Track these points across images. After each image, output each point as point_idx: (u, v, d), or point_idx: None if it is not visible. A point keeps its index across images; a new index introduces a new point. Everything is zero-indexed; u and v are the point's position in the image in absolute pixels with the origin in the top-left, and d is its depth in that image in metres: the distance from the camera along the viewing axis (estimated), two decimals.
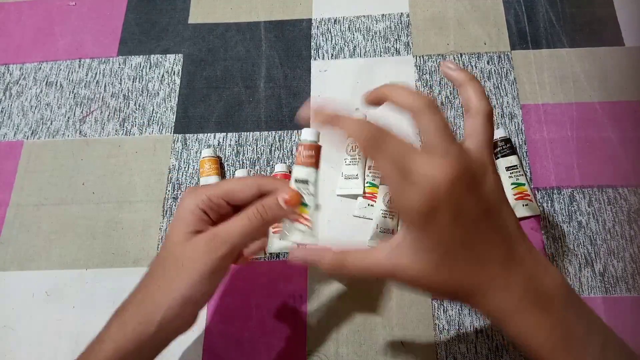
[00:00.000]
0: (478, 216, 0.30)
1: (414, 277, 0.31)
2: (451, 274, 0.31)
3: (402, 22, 0.53)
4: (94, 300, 0.44)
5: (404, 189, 0.29)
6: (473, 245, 0.30)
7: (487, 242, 0.31)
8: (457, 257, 0.30)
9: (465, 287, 0.31)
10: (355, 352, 0.40)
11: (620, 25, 0.51)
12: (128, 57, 0.54)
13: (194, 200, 0.32)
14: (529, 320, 0.30)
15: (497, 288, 0.30)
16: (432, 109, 0.31)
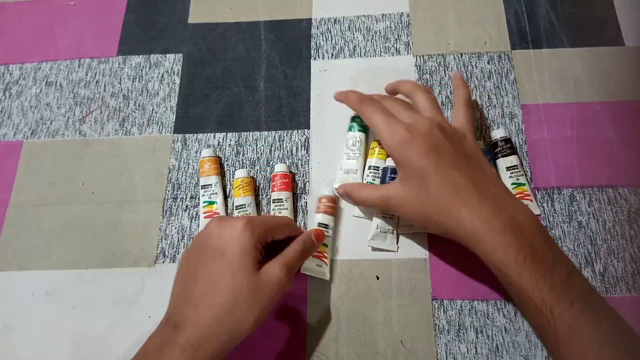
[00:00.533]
0: (454, 154, 0.37)
1: (399, 202, 0.38)
2: (427, 196, 0.36)
3: (402, 22, 0.53)
4: (94, 300, 0.44)
5: (390, 127, 0.38)
6: (447, 173, 0.36)
7: (461, 174, 0.36)
8: (432, 181, 0.36)
9: (440, 207, 0.36)
10: (355, 352, 0.40)
11: (620, 25, 0.51)
12: (128, 57, 0.54)
13: (255, 235, 0.35)
14: (499, 239, 0.33)
15: (468, 209, 0.35)
16: (425, 90, 0.43)
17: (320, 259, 0.42)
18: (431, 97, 0.42)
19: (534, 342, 0.40)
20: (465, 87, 0.44)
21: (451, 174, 0.36)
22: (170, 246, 0.45)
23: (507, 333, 0.40)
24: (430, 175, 0.36)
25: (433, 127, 0.38)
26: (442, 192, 0.36)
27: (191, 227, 0.46)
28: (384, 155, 0.45)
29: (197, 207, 0.47)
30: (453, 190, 0.36)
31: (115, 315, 0.43)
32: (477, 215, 0.34)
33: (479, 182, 0.36)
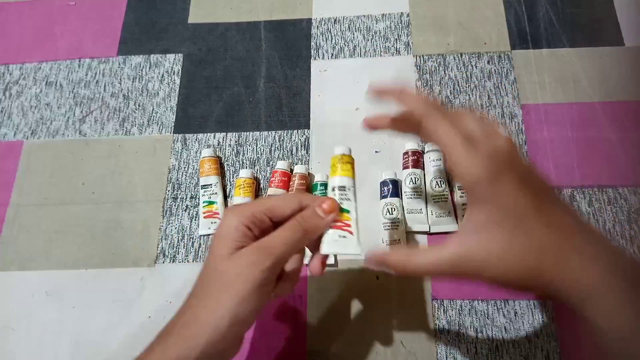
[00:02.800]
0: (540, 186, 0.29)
1: (483, 260, 0.27)
2: (531, 244, 0.27)
3: (402, 22, 0.53)
4: (94, 300, 0.44)
5: (469, 152, 0.28)
6: (549, 210, 0.27)
7: (564, 212, 0.28)
8: (532, 225, 0.27)
9: (551, 257, 0.26)
10: (355, 352, 0.40)
11: (620, 25, 0.51)
12: (128, 57, 0.54)
13: (237, 217, 0.31)
14: (616, 298, 0.26)
15: (586, 256, 0.26)
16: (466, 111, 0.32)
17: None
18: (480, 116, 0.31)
19: (534, 342, 0.40)
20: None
21: (555, 214, 0.27)
22: (170, 246, 0.45)
23: (507, 333, 0.40)
24: (531, 217, 0.27)
25: (514, 150, 0.28)
26: (552, 237, 0.27)
27: (191, 227, 0.46)
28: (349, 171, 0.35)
29: (197, 207, 0.47)
30: (565, 236, 0.27)
31: (115, 315, 0.43)
32: (594, 269, 0.26)
33: (579, 218, 0.28)
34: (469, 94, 0.49)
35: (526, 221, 0.27)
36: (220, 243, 0.30)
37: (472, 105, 0.48)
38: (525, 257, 0.27)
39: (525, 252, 0.27)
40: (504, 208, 0.27)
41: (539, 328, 0.40)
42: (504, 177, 0.27)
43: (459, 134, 0.29)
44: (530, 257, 0.27)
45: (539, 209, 0.27)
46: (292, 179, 0.45)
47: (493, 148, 0.28)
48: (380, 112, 0.34)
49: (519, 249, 0.27)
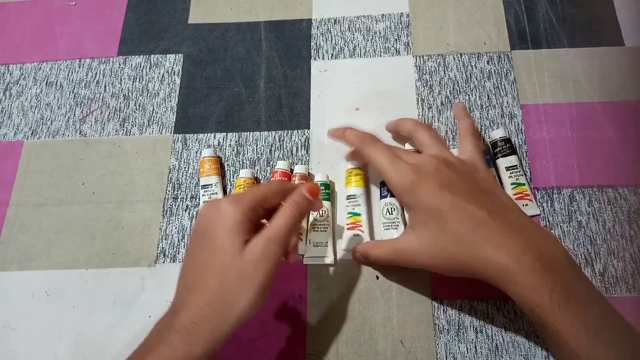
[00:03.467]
0: (467, 188, 0.35)
1: (415, 251, 0.35)
2: (447, 237, 0.33)
3: (402, 22, 0.53)
4: (94, 300, 0.44)
5: (395, 166, 0.36)
6: (464, 208, 0.33)
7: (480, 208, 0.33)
8: (449, 219, 0.33)
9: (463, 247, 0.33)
10: (355, 352, 0.40)
11: (620, 25, 0.51)
12: (128, 57, 0.54)
13: (240, 209, 0.33)
14: (530, 279, 0.31)
15: (494, 246, 0.32)
16: (427, 127, 0.41)
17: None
18: (434, 133, 0.41)
19: (534, 341, 0.40)
20: (469, 117, 0.44)
21: (468, 209, 0.34)
22: (170, 246, 0.45)
23: (507, 333, 0.40)
24: (445, 213, 0.34)
25: (440, 163, 0.36)
26: (463, 229, 0.33)
27: (191, 227, 0.46)
28: (359, 182, 0.44)
29: (197, 207, 0.47)
30: (475, 227, 0.33)
31: (115, 315, 0.43)
32: (505, 252, 0.32)
33: (499, 214, 0.34)
34: (468, 94, 0.49)
35: (442, 218, 0.34)
36: (229, 238, 0.32)
37: (472, 105, 0.49)
38: (443, 247, 0.34)
39: (443, 244, 0.34)
40: (424, 209, 0.35)
41: None
42: (423, 185, 0.35)
43: (389, 155, 0.37)
44: (447, 247, 0.34)
45: (454, 206, 0.34)
46: (292, 179, 0.45)
47: (414, 163, 0.36)
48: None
49: (438, 242, 0.34)
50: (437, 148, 0.39)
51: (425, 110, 0.49)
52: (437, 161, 0.36)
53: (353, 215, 0.43)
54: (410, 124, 0.42)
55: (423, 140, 0.40)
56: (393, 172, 0.36)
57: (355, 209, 0.43)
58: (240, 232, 0.32)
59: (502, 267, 0.31)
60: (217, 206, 0.33)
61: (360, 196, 0.44)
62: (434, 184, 0.35)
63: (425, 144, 0.40)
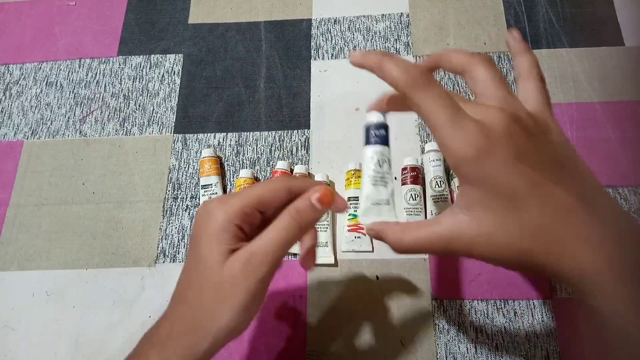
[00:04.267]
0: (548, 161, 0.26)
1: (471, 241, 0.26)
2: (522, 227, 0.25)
3: (402, 22, 0.53)
4: (94, 300, 0.44)
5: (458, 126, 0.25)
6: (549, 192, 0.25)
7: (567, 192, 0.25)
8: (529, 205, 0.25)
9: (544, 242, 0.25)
10: (355, 352, 0.40)
11: (620, 25, 0.51)
12: (128, 57, 0.54)
13: (225, 213, 0.28)
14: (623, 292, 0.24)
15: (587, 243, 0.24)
16: (486, 61, 0.30)
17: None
18: (497, 72, 0.29)
19: (534, 341, 0.40)
20: (531, 52, 0.31)
21: (554, 193, 0.25)
22: (170, 246, 0.45)
23: (507, 333, 0.40)
24: (524, 196, 0.25)
25: (512, 122, 0.26)
26: (546, 219, 0.25)
27: (191, 227, 0.46)
28: (359, 185, 0.42)
29: (197, 207, 0.47)
30: (561, 216, 0.25)
31: (115, 315, 0.43)
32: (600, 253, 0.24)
33: (587, 198, 0.26)
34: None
35: (518, 201, 0.25)
36: (210, 246, 0.28)
37: None
38: (514, 240, 0.26)
39: (515, 236, 0.25)
40: (494, 188, 0.25)
41: (539, 328, 0.40)
42: (494, 154, 0.25)
43: (448, 105, 0.26)
44: (520, 240, 0.25)
45: (535, 188, 0.25)
46: None
47: (484, 121, 0.26)
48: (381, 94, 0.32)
49: (508, 232, 0.26)
50: (501, 93, 0.28)
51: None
52: (510, 119, 0.26)
53: (354, 217, 0.43)
54: (462, 56, 0.30)
55: (484, 82, 0.29)
56: (454, 133, 0.25)
57: (357, 211, 0.43)
58: (222, 240, 0.28)
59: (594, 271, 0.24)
60: (205, 207, 0.29)
61: None
62: (510, 154, 0.25)
63: (486, 87, 0.29)
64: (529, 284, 0.41)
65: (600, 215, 0.25)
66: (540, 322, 0.40)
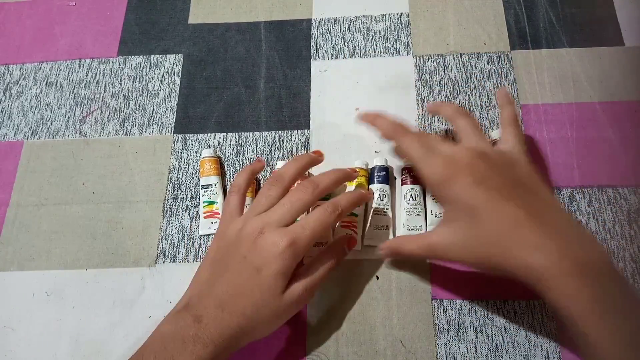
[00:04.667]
0: (505, 183, 0.33)
1: (447, 248, 0.34)
2: (480, 236, 0.32)
3: (402, 22, 0.53)
4: (94, 300, 0.44)
5: (428, 160, 0.35)
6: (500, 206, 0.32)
7: (517, 206, 0.31)
8: (484, 217, 0.32)
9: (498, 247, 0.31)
10: (355, 352, 0.40)
11: (620, 25, 0.51)
12: (128, 57, 0.54)
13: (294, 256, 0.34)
14: (570, 286, 0.29)
15: (531, 247, 0.30)
16: (466, 115, 0.39)
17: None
18: (473, 122, 0.39)
19: (534, 341, 0.40)
20: (512, 104, 0.41)
21: (505, 206, 0.32)
22: (170, 246, 0.45)
23: (507, 333, 0.40)
24: (480, 210, 0.32)
25: (475, 157, 0.34)
26: (498, 228, 0.31)
27: (191, 227, 0.46)
28: (364, 184, 0.45)
29: (197, 207, 0.47)
30: (511, 226, 0.31)
31: (115, 315, 0.43)
32: (542, 255, 0.30)
33: (538, 212, 0.32)
34: (468, 94, 0.49)
35: (476, 216, 0.32)
36: (277, 280, 0.34)
37: (472, 105, 0.49)
38: (476, 247, 0.32)
39: (476, 244, 0.32)
40: (458, 206, 0.33)
41: (539, 328, 0.40)
42: (455, 180, 0.33)
43: (421, 147, 0.36)
44: (480, 247, 0.32)
45: (491, 205, 0.32)
46: None
47: (448, 155, 0.35)
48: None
49: (471, 241, 0.32)
50: (475, 138, 0.37)
51: (425, 111, 0.49)
52: (473, 154, 0.34)
53: (350, 214, 0.43)
54: (450, 110, 0.40)
55: (462, 129, 0.38)
56: (425, 165, 0.35)
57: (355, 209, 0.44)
58: (287, 276, 0.34)
59: (538, 271, 0.30)
60: (274, 244, 0.34)
61: None
62: (468, 179, 0.33)
63: (463, 133, 0.38)
64: None
65: (547, 225, 0.31)
66: (540, 322, 0.40)
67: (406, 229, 0.43)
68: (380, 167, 0.45)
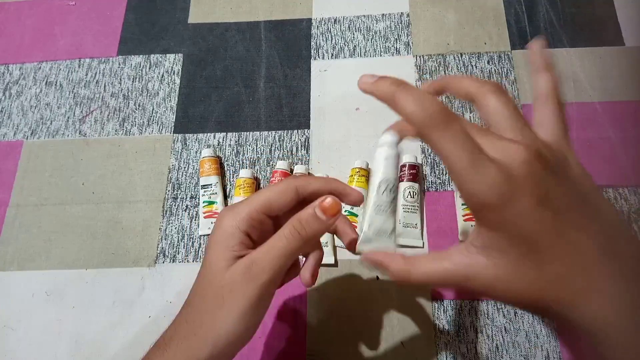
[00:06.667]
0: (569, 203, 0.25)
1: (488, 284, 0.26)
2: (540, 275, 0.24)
3: (402, 22, 0.53)
4: (94, 300, 0.44)
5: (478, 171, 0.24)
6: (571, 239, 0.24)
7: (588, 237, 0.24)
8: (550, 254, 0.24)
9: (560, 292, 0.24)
10: (355, 352, 0.40)
11: (620, 25, 0.51)
12: (128, 57, 0.54)
13: (233, 220, 0.28)
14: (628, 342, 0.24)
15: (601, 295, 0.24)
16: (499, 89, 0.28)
17: None
18: (510, 101, 0.27)
19: (534, 342, 0.40)
20: (552, 70, 0.29)
21: (576, 242, 0.24)
22: (170, 246, 0.45)
23: (507, 333, 0.40)
24: (547, 246, 0.24)
25: (534, 161, 0.24)
26: (566, 270, 0.24)
27: (191, 227, 0.46)
28: (364, 183, 0.43)
29: (197, 207, 0.47)
30: (582, 269, 0.24)
31: (115, 315, 0.43)
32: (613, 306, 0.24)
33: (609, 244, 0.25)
34: None
35: (539, 250, 0.24)
36: (216, 252, 0.28)
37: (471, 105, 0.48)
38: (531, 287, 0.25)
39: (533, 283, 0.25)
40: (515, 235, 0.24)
41: (539, 328, 0.40)
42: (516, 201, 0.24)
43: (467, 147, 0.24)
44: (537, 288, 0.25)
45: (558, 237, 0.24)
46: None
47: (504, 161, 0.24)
48: None
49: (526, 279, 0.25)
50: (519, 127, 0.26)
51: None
52: (531, 157, 0.24)
53: (350, 214, 0.43)
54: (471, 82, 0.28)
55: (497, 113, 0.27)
56: (475, 178, 0.24)
57: (354, 209, 0.43)
58: (228, 247, 0.28)
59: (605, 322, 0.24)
60: (220, 215, 0.30)
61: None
62: (533, 199, 0.24)
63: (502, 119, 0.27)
64: None
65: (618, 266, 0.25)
66: (540, 322, 0.40)
67: (402, 225, 0.43)
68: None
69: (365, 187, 0.44)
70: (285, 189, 0.29)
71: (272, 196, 0.29)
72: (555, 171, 0.25)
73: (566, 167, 0.26)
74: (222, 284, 0.28)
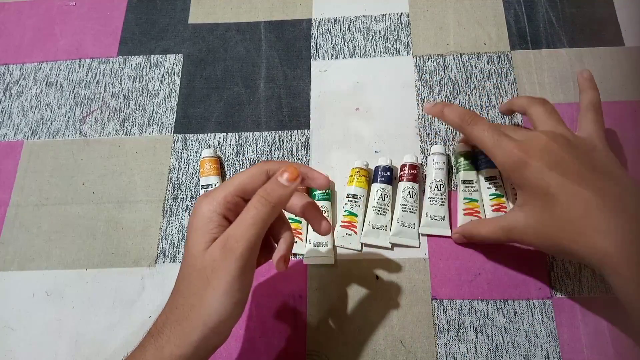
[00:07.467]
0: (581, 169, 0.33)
1: (522, 230, 0.35)
2: (553, 219, 0.33)
3: (402, 22, 0.53)
4: (94, 300, 0.44)
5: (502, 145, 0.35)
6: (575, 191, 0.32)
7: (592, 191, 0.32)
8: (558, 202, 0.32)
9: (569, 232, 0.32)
10: (355, 352, 0.40)
11: (620, 25, 0.51)
12: (128, 57, 0.54)
13: (210, 205, 0.30)
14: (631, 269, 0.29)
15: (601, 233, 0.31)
16: (541, 102, 0.38)
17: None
18: (549, 108, 0.38)
19: (534, 341, 0.40)
20: (595, 89, 0.40)
21: (579, 191, 0.32)
22: (170, 246, 0.45)
23: (507, 333, 0.40)
24: (554, 195, 0.32)
25: (550, 140, 0.34)
26: (571, 213, 0.32)
27: None
28: (363, 183, 0.44)
29: None
30: (584, 211, 0.31)
31: (115, 315, 0.43)
32: (612, 241, 0.30)
33: (613, 198, 0.32)
34: (468, 94, 0.49)
35: (550, 200, 0.33)
36: (196, 237, 0.30)
37: (472, 105, 0.49)
38: (550, 230, 0.33)
39: (550, 227, 0.33)
40: (533, 190, 0.34)
41: (539, 328, 0.40)
42: (529, 164, 0.33)
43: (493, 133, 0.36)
44: (554, 231, 0.33)
45: (565, 189, 0.32)
46: None
47: (521, 140, 0.35)
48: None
49: (545, 224, 0.33)
50: (551, 123, 0.36)
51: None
52: (548, 138, 0.34)
53: (350, 214, 0.43)
54: (523, 99, 0.40)
55: (537, 116, 0.38)
56: (497, 151, 0.35)
57: (354, 209, 0.44)
58: (207, 230, 0.30)
59: (606, 256, 0.30)
60: (197, 202, 0.31)
61: (362, 197, 0.44)
62: (542, 163, 0.33)
63: (538, 120, 0.37)
64: (529, 284, 0.41)
65: (621, 212, 0.31)
66: (540, 322, 0.40)
67: (400, 224, 0.43)
68: (385, 167, 0.45)
69: (365, 187, 0.44)
70: (257, 172, 0.32)
71: (245, 179, 0.31)
72: (572, 146, 0.34)
73: (590, 149, 0.35)
74: (204, 265, 0.29)
